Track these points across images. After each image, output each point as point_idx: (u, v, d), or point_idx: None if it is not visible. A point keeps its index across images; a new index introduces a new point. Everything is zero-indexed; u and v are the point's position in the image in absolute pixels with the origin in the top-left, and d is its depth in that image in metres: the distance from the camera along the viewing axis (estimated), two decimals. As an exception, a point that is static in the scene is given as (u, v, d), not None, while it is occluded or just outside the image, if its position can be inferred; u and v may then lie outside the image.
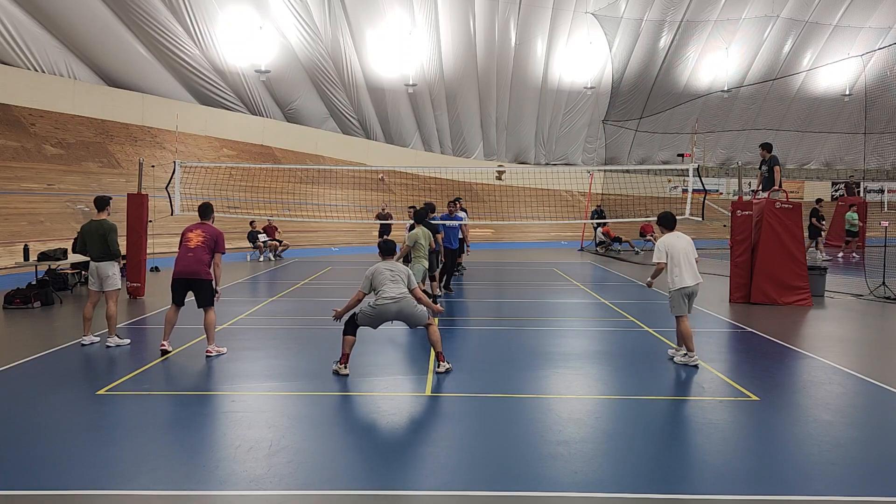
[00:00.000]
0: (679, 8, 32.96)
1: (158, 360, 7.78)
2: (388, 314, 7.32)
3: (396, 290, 7.31)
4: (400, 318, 7.39)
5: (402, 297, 7.30)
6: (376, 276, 7.40)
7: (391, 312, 7.29)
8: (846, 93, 38.55)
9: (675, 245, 7.72)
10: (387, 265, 7.53)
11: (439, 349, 7.41)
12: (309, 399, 6.48)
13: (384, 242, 7.78)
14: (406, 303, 7.32)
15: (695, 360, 7.62)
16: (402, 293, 7.33)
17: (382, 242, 7.80)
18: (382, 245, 7.82)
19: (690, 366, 7.57)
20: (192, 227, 8.31)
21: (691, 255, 7.76)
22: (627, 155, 37.67)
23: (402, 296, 7.30)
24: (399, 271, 7.50)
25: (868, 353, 8.80)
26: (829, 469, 4.80)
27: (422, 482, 4.53)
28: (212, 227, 8.37)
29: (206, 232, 8.21)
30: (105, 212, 8.74)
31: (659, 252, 7.77)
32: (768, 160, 13.51)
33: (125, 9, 22.01)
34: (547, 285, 15.37)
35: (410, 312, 7.33)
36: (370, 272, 7.42)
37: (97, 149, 21.18)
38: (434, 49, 30.54)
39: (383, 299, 7.27)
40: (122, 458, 4.87)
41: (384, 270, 7.43)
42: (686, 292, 7.66)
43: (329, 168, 26.33)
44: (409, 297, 7.38)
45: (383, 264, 7.55)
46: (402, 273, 7.52)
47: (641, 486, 4.44)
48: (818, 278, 13.18)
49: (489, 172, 31.25)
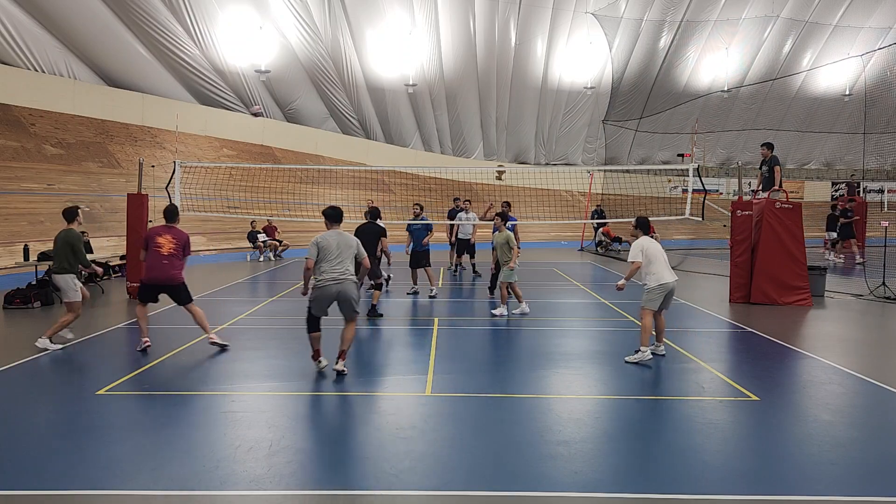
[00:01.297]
0: (679, 8, 32.96)
1: (158, 360, 7.78)
2: (328, 295, 7.05)
3: (339, 269, 7.01)
4: (338, 301, 7.09)
5: (344, 279, 7.01)
6: (322, 246, 7.04)
7: (331, 293, 7.03)
8: (846, 93, 38.55)
9: (650, 246, 8.00)
10: (334, 235, 7.15)
11: (346, 347, 7.16)
12: (309, 399, 6.48)
13: (332, 209, 7.28)
14: (348, 285, 7.04)
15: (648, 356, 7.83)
16: (344, 274, 7.02)
17: (330, 209, 7.29)
18: (330, 212, 7.30)
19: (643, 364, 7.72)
20: (161, 232, 8.34)
21: (663, 254, 8.07)
22: (627, 155, 37.66)
23: (343, 277, 7.01)
24: (346, 244, 7.12)
25: (868, 353, 8.79)
26: (829, 469, 4.80)
27: (422, 482, 4.53)
28: (180, 230, 8.46)
29: (176, 238, 8.32)
30: (75, 222, 8.75)
31: (635, 252, 7.99)
32: (769, 160, 13.51)
33: (125, 9, 22.01)
34: (547, 285, 15.37)
35: (348, 298, 7.06)
36: (317, 239, 7.07)
37: (97, 149, 21.18)
38: (434, 49, 30.54)
39: (324, 279, 7.00)
40: (122, 458, 4.87)
41: (332, 241, 7.08)
42: (667, 288, 7.92)
43: (329, 168, 26.33)
44: (351, 278, 7.08)
45: (331, 234, 7.16)
46: (349, 245, 7.14)
47: (642, 486, 4.44)
48: (818, 278, 13.18)
49: (489, 172, 31.24)
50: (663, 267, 7.95)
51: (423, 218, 13.93)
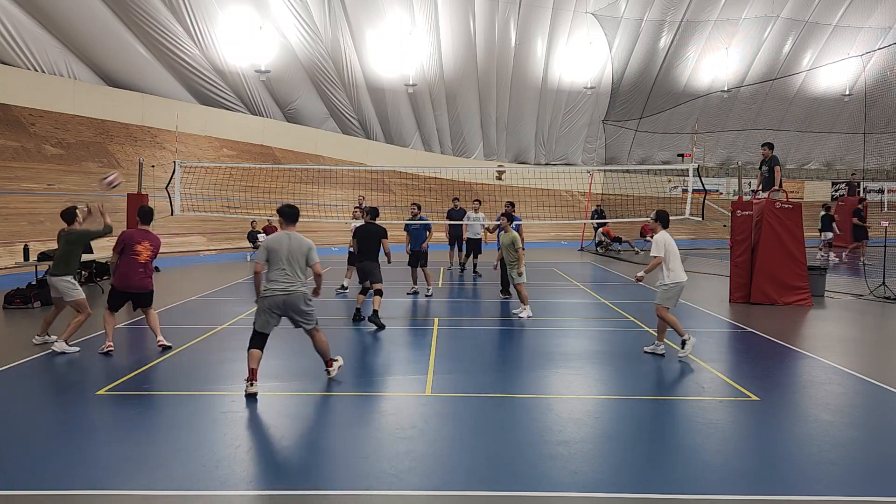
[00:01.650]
0: (679, 8, 32.97)
1: (158, 360, 7.78)
2: (275, 307, 6.44)
3: (286, 281, 6.41)
4: (287, 315, 6.54)
5: (293, 291, 6.44)
6: (272, 249, 6.41)
7: (278, 306, 6.44)
8: (846, 93, 38.56)
9: (670, 242, 8.05)
10: (285, 238, 6.47)
11: (328, 357, 6.83)
12: (309, 399, 6.47)
13: (287, 206, 6.61)
14: (296, 297, 6.45)
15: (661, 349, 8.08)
16: (292, 285, 6.43)
17: (286, 206, 6.60)
18: (286, 210, 6.61)
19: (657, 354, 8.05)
20: (139, 238, 8.20)
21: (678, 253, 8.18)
22: (627, 155, 37.68)
23: (292, 289, 6.43)
24: (298, 250, 6.45)
25: (868, 353, 8.79)
26: (829, 469, 4.80)
27: (422, 482, 4.53)
28: (154, 235, 8.41)
29: (152, 244, 8.27)
30: (76, 223, 8.62)
31: (658, 246, 8.01)
32: (769, 160, 13.51)
33: (125, 9, 22.02)
34: (547, 285, 15.37)
35: (298, 310, 6.50)
36: (266, 242, 6.49)
37: (97, 149, 21.18)
38: (434, 49, 30.55)
39: (271, 289, 6.42)
40: (122, 458, 4.87)
41: (282, 245, 6.41)
42: (679, 287, 8.04)
43: (329, 168, 26.33)
44: (300, 290, 6.49)
45: (282, 236, 6.48)
46: (300, 251, 6.45)
47: (641, 486, 4.44)
48: (818, 278, 13.18)
49: (489, 172, 31.25)
50: (679, 265, 8.04)
51: (422, 218, 13.94)
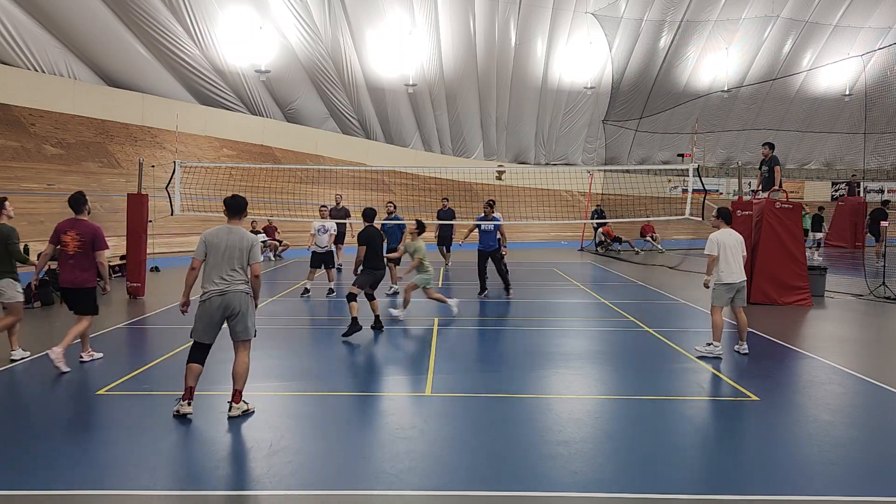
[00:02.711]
0: (679, 8, 32.95)
1: (158, 360, 7.78)
2: (212, 311, 5.60)
3: (222, 281, 5.59)
4: (227, 319, 5.68)
5: (230, 289, 5.60)
6: (210, 243, 5.64)
7: (215, 307, 5.60)
8: (846, 93, 38.55)
9: (726, 241, 8.18)
10: (225, 232, 5.71)
11: (240, 387, 5.72)
12: (309, 399, 6.48)
13: (232, 198, 5.86)
14: (235, 297, 5.60)
15: (718, 350, 8.03)
16: (230, 285, 5.60)
17: (230, 198, 5.86)
18: (230, 202, 5.83)
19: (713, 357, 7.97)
20: (66, 227, 7.39)
21: (739, 253, 8.22)
22: (627, 155, 37.65)
23: (229, 290, 5.59)
24: (238, 244, 5.66)
25: (868, 353, 8.79)
26: (829, 469, 4.80)
27: (422, 482, 4.53)
28: (86, 223, 7.45)
29: (80, 233, 7.35)
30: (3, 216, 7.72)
31: (711, 245, 8.19)
32: (769, 160, 13.51)
33: (125, 9, 22.01)
34: (547, 285, 15.37)
35: (237, 313, 5.64)
36: (204, 235, 5.74)
37: (97, 149, 21.17)
38: (434, 49, 30.54)
39: (208, 291, 5.62)
40: (122, 458, 4.87)
41: (221, 239, 5.66)
42: (734, 288, 8.15)
43: (329, 168, 26.32)
44: (241, 290, 5.67)
45: (222, 230, 5.72)
46: (240, 247, 5.66)
47: (642, 486, 4.44)
48: (818, 278, 13.18)
49: (489, 172, 31.24)
50: (732, 264, 8.09)
51: (397, 217, 13.98)
